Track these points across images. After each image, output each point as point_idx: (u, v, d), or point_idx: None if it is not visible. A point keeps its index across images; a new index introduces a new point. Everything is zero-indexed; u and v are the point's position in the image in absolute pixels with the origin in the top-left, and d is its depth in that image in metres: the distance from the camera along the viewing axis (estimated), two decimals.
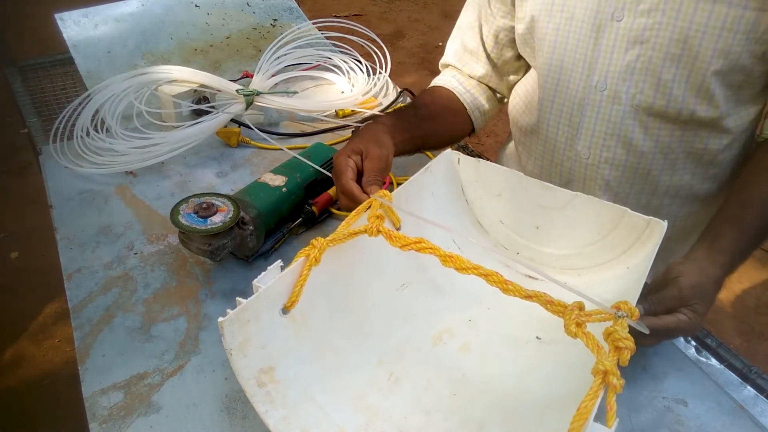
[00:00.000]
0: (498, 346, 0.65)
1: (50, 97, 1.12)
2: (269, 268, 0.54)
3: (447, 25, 3.87)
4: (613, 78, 0.75)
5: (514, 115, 0.92)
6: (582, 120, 0.79)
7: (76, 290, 0.71)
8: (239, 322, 0.51)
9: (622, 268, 0.67)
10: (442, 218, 0.74)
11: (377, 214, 0.61)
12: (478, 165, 0.76)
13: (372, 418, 0.55)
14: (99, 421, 0.57)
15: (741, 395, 0.62)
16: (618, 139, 0.78)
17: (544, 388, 0.58)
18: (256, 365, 0.52)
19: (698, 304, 0.59)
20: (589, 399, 0.43)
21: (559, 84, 0.80)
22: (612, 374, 0.44)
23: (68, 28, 1.12)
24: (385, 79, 1.12)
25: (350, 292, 0.63)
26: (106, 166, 0.88)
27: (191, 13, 1.25)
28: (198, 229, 0.68)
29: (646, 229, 0.66)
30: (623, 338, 0.47)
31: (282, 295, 0.55)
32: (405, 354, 0.63)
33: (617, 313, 0.49)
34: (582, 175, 0.83)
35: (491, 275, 0.53)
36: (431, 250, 0.56)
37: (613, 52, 0.74)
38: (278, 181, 0.79)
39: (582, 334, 0.48)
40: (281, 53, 1.10)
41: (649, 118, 0.75)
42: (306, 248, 0.57)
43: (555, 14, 0.77)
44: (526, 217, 0.75)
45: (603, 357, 0.46)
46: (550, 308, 0.50)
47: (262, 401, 0.51)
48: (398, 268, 0.68)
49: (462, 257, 0.55)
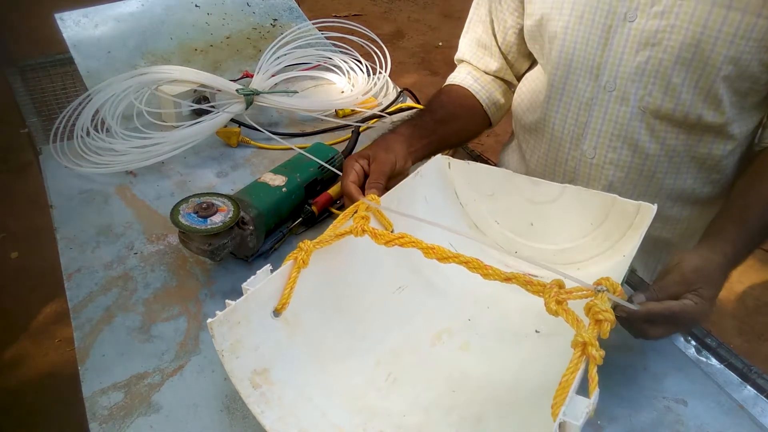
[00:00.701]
0: (498, 342, 0.65)
1: (50, 97, 1.11)
2: (258, 272, 0.56)
3: (447, 25, 3.89)
4: (622, 79, 0.74)
5: (518, 113, 0.92)
6: (589, 119, 0.79)
7: (76, 290, 0.71)
8: (228, 324, 0.52)
9: (618, 256, 0.67)
10: (437, 221, 0.74)
11: (363, 215, 0.62)
12: (468, 167, 0.77)
13: (370, 417, 0.55)
14: (99, 421, 0.57)
15: (741, 395, 0.62)
16: (624, 141, 0.77)
17: (539, 377, 0.58)
18: (249, 366, 0.53)
19: (703, 289, 0.57)
20: (570, 372, 0.44)
21: (567, 83, 0.80)
22: (591, 345, 0.45)
23: (68, 28, 1.12)
24: (385, 79, 1.12)
25: (345, 295, 0.64)
26: (107, 166, 0.88)
27: (191, 13, 1.25)
28: (198, 229, 0.68)
29: (637, 214, 0.67)
30: (602, 311, 0.48)
31: (272, 297, 0.56)
32: (403, 355, 0.63)
33: (597, 288, 0.50)
34: (586, 174, 0.83)
35: (471, 262, 0.54)
36: (413, 244, 0.57)
37: (623, 52, 0.73)
38: (278, 181, 0.79)
39: (562, 311, 0.49)
40: (281, 53, 1.10)
41: (656, 121, 0.75)
42: (294, 251, 0.58)
43: (565, 12, 0.77)
44: (520, 214, 0.75)
45: (581, 329, 0.47)
46: (530, 288, 0.51)
47: (257, 402, 0.52)
48: (394, 271, 0.68)
49: (442, 247, 0.56)
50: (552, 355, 0.60)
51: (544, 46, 0.82)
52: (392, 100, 1.08)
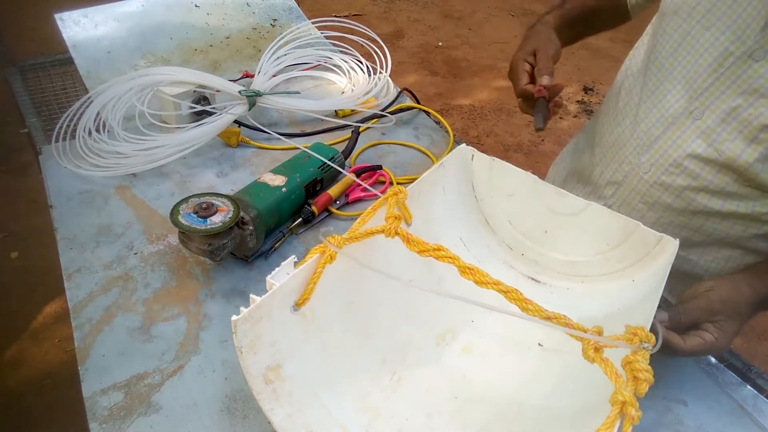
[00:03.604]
0: (499, 349, 0.65)
1: (50, 97, 1.12)
2: (283, 264, 0.53)
3: (447, 25, 3.90)
4: (712, 114, 0.69)
5: (617, 83, 0.87)
6: (661, 135, 0.75)
7: (76, 290, 0.71)
8: (252, 320, 0.50)
9: (627, 280, 0.67)
10: (451, 213, 0.74)
11: (394, 214, 0.60)
12: (493, 164, 0.75)
13: (374, 418, 0.55)
14: (99, 421, 0.57)
15: (741, 395, 0.62)
16: (683, 171, 0.73)
17: (546, 400, 0.58)
18: (264, 362, 0.52)
19: (726, 322, 0.56)
20: (605, 428, 0.42)
21: (662, 84, 0.75)
22: (631, 405, 0.43)
23: (68, 28, 1.12)
24: (385, 79, 1.12)
25: (360, 290, 0.63)
26: (110, 169, 0.87)
27: (191, 13, 1.25)
28: (198, 229, 0.68)
29: (656, 245, 0.65)
30: (643, 369, 0.45)
31: (294, 291, 0.54)
32: (408, 354, 0.63)
33: (641, 344, 0.47)
34: (633, 185, 0.80)
35: (511, 292, 0.51)
36: (450, 260, 0.54)
37: (727, 89, 0.68)
38: (278, 181, 0.79)
39: (600, 360, 0.47)
40: (281, 53, 1.10)
41: (723, 168, 0.70)
42: (321, 245, 0.55)
43: (680, 15, 0.72)
44: (536, 220, 0.74)
45: (622, 387, 0.44)
46: (569, 332, 0.49)
47: (267, 399, 0.51)
48: (406, 266, 0.67)
49: (482, 270, 0.53)
50: (558, 377, 0.60)
51: (658, 31, 0.77)
52: (392, 100, 1.08)
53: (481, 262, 0.74)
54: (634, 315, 0.59)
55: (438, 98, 2.90)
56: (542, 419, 0.56)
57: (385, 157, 0.98)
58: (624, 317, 0.58)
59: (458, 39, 3.43)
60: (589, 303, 0.67)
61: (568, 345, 0.49)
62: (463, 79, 3.07)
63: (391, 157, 0.99)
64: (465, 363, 0.63)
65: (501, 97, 2.95)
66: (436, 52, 3.27)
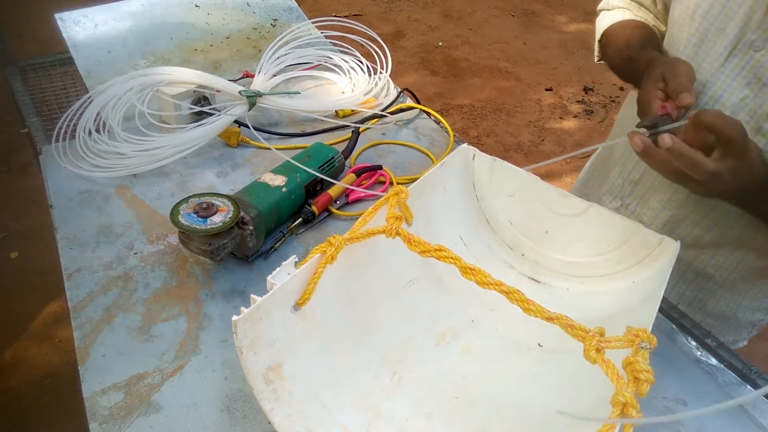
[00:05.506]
0: (499, 350, 0.65)
1: (50, 97, 1.11)
2: (284, 264, 0.53)
3: (447, 25, 3.90)
4: (722, 108, 0.69)
5: None
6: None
7: (76, 290, 0.71)
8: (252, 320, 0.50)
9: (627, 281, 0.67)
10: (451, 212, 0.74)
11: (396, 214, 0.60)
12: (494, 164, 0.76)
13: (374, 418, 0.55)
14: (99, 421, 0.57)
15: (741, 395, 0.62)
16: None
17: (545, 401, 0.57)
18: (264, 362, 0.52)
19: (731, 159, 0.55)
20: (606, 430, 0.43)
21: None
22: (632, 406, 0.43)
23: (68, 28, 1.12)
24: (386, 79, 1.12)
25: (360, 289, 0.63)
26: (110, 169, 0.87)
27: (191, 13, 1.25)
28: (198, 229, 0.68)
29: (657, 246, 0.65)
30: (644, 370, 0.46)
31: (294, 291, 0.54)
32: (408, 353, 0.62)
33: (640, 344, 0.48)
34: (650, 183, 0.80)
35: (513, 293, 0.51)
36: (452, 260, 0.54)
37: (733, 81, 0.68)
38: (278, 181, 0.79)
39: (601, 361, 0.47)
40: (281, 53, 1.10)
41: None
42: (322, 245, 0.55)
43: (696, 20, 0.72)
44: (537, 220, 0.74)
45: (623, 388, 0.44)
46: (571, 332, 0.49)
47: (268, 398, 0.51)
48: (406, 265, 0.67)
49: (484, 271, 0.53)
50: (557, 378, 0.60)
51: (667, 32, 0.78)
52: (392, 100, 1.08)
53: (481, 262, 0.74)
54: (634, 316, 0.59)
55: (438, 98, 2.90)
56: (540, 420, 0.56)
57: (385, 157, 0.98)
58: (624, 318, 0.58)
59: (458, 39, 3.43)
60: (589, 304, 0.67)
61: (568, 345, 0.49)
62: (463, 79, 3.07)
63: (391, 157, 0.99)
64: (465, 363, 0.63)
65: (501, 97, 2.95)
66: (436, 52, 3.27)
